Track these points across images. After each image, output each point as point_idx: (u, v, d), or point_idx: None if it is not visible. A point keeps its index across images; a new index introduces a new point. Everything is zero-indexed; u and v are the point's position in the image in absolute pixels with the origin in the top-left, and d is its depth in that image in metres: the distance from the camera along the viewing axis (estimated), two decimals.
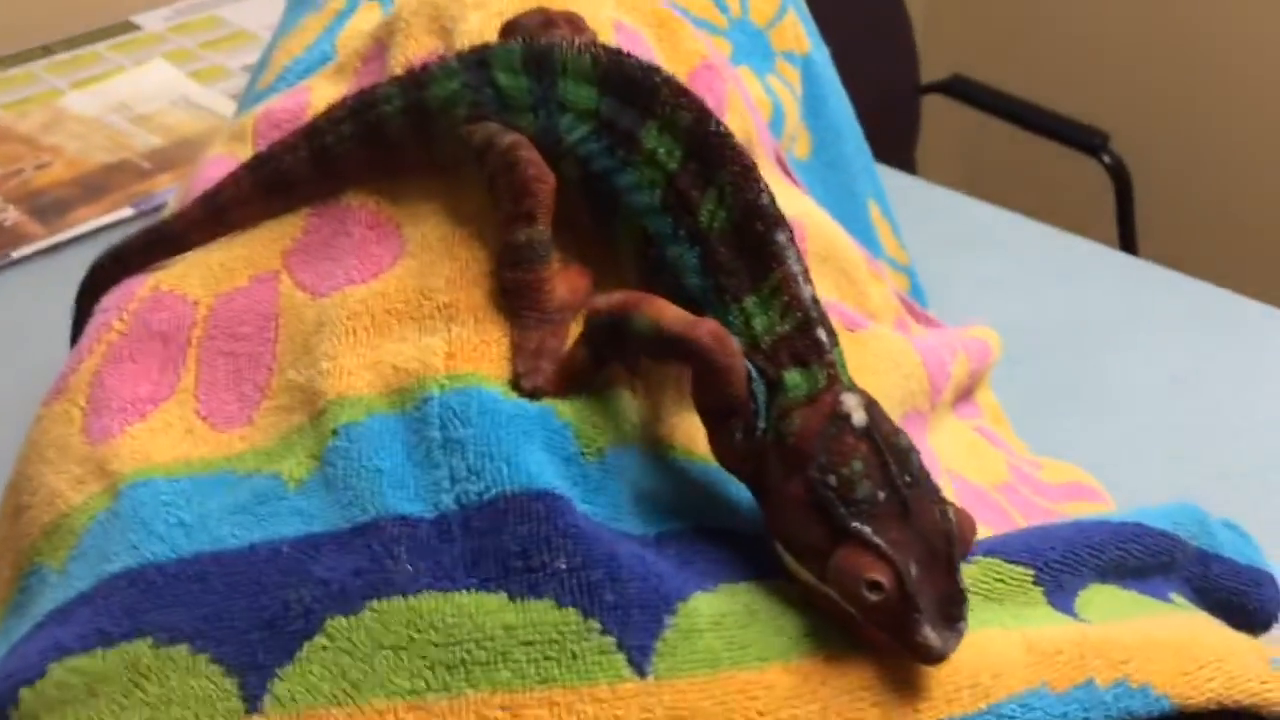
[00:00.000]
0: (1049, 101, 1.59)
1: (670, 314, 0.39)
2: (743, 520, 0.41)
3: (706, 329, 0.38)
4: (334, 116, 0.48)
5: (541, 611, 0.35)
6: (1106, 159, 1.55)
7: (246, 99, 0.65)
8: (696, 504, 0.41)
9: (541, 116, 0.44)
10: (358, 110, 0.47)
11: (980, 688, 0.37)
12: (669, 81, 0.43)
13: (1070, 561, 0.45)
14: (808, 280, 0.40)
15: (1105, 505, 0.65)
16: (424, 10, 0.53)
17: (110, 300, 0.50)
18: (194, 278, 0.49)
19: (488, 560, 0.36)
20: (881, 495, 0.35)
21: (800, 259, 0.40)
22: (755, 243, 0.40)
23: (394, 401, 0.40)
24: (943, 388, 0.60)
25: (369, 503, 0.38)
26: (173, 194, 1.05)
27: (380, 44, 0.55)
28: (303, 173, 0.48)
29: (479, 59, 0.45)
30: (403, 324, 0.43)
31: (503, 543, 0.36)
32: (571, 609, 0.35)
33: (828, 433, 0.36)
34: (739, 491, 0.41)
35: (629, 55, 0.44)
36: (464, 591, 0.35)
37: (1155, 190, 1.59)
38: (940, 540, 0.35)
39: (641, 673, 0.34)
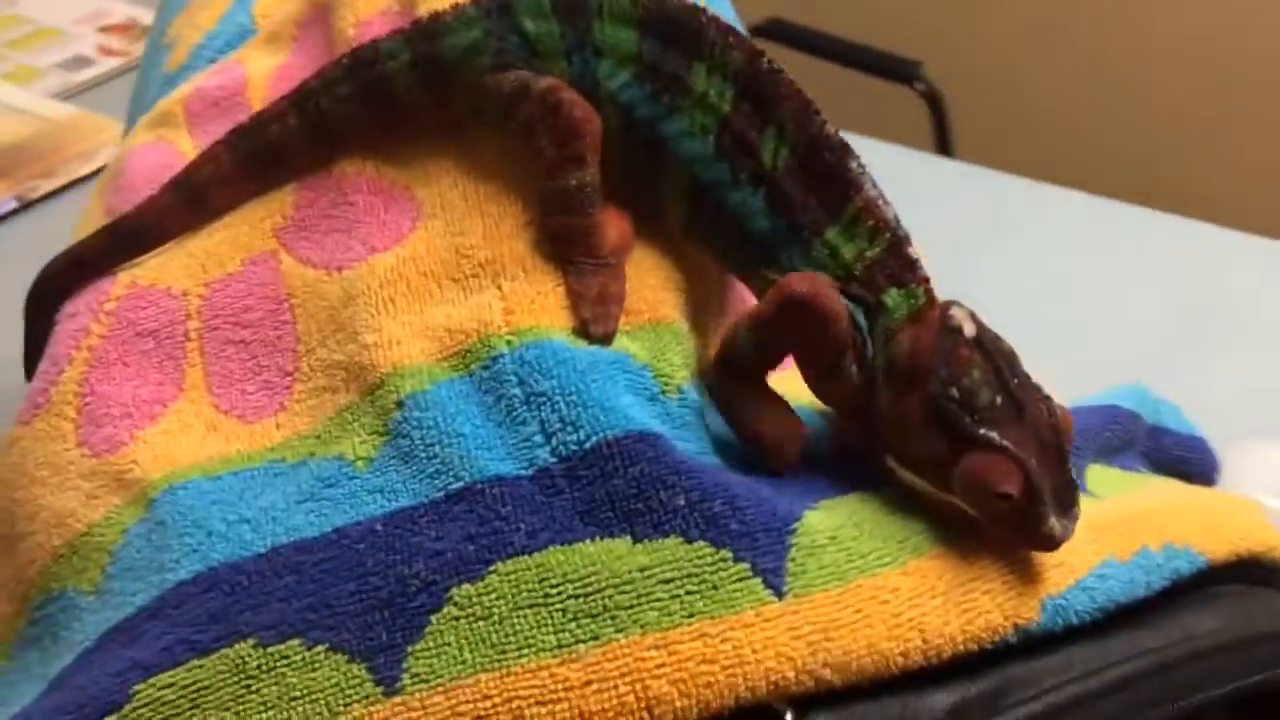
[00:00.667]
0: (863, 37, 1.66)
1: (749, 311, 0.39)
2: (811, 442, 0.41)
3: (791, 288, 0.38)
4: (328, 78, 0.45)
5: (672, 549, 0.34)
6: (920, 86, 1.63)
7: (150, 83, 0.60)
8: None
9: (576, 63, 0.42)
10: (355, 68, 0.44)
11: (1066, 566, 0.38)
12: (715, 21, 0.42)
13: (1078, 445, 0.47)
14: (887, 202, 0.40)
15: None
16: None
17: (79, 304, 0.46)
18: (175, 269, 0.46)
19: (603, 507, 0.35)
20: (999, 400, 0.36)
21: (875, 183, 0.40)
22: (828, 173, 0.40)
23: (457, 365, 0.39)
24: None
25: (460, 469, 0.37)
26: (7, 203, 0.99)
27: (320, 7, 0.52)
28: (294, 142, 0.45)
29: (501, 5, 0.43)
30: (443, 286, 0.41)
31: (615, 488, 0.35)
32: (701, 542, 0.35)
33: (942, 347, 0.37)
34: (802, 415, 0.41)
35: None
36: (587, 541, 0.35)
37: (968, 113, 1.68)
38: (1050, 434, 0.37)
39: (780, 594, 0.35)
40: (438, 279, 0.41)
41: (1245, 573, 0.45)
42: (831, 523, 0.37)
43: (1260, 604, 0.44)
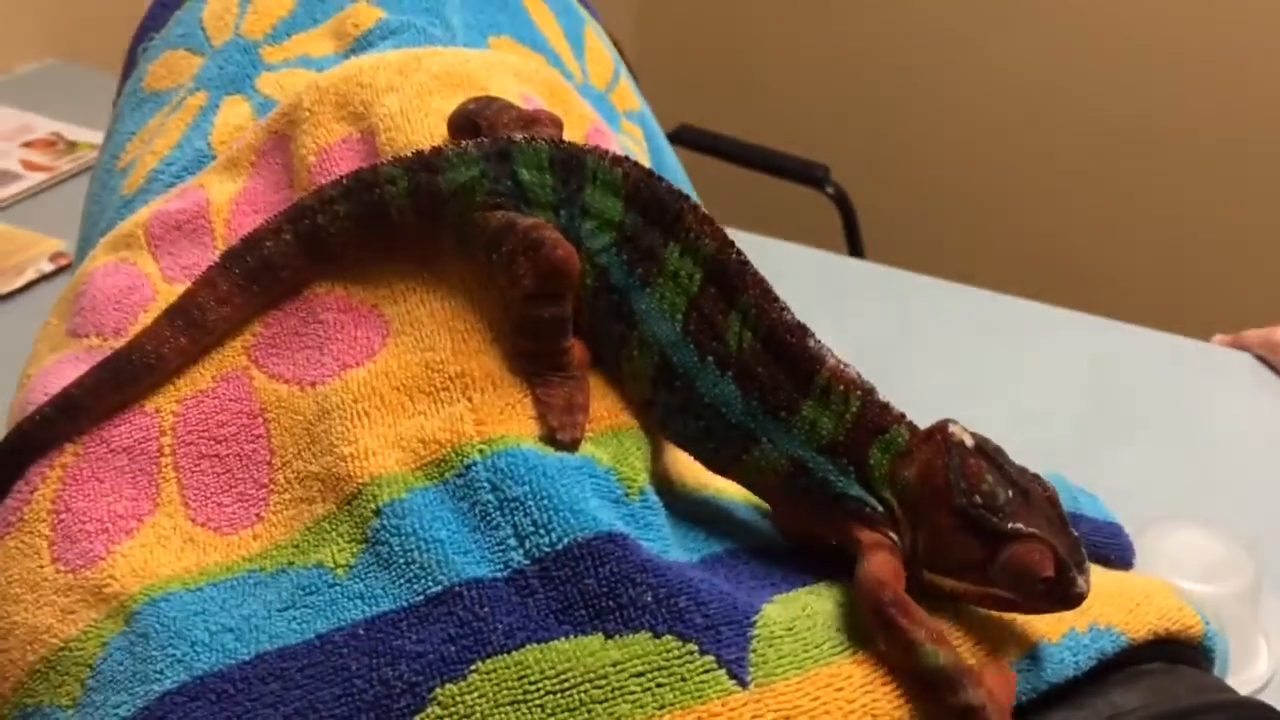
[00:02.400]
0: (771, 141, 1.72)
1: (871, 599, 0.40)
2: (760, 539, 0.44)
3: (871, 596, 0.39)
4: (325, 196, 0.47)
5: (642, 644, 0.37)
6: (829, 189, 1.69)
7: (106, 206, 0.62)
8: (722, 530, 0.44)
9: (564, 217, 0.45)
10: (354, 189, 0.46)
11: (1003, 651, 0.41)
12: (695, 209, 0.44)
13: None
14: (846, 365, 0.43)
15: None
16: (327, 99, 0.53)
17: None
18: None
19: (576, 606, 0.37)
20: (1010, 493, 0.40)
21: (833, 352, 0.43)
22: (791, 354, 0.43)
23: (431, 474, 0.41)
24: None
25: (438, 573, 0.38)
26: None
27: (279, 136, 0.54)
28: (289, 257, 0.47)
29: (500, 151, 0.45)
30: (415, 399, 0.43)
31: (587, 587, 0.38)
32: (669, 636, 0.37)
33: (953, 464, 0.41)
34: (749, 514, 0.44)
35: (658, 177, 0.45)
36: (562, 639, 0.37)
37: (877, 213, 1.74)
38: (1050, 506, 0.41)
39: (744, 684, 0.37)
40: (409, 392, 0.43)
41: (1164, 651, 0.48)
42: (787, 614, 0.39)
43: (1180, 680, 0.47)
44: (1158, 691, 0.46)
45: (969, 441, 0.42)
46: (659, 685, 0.36)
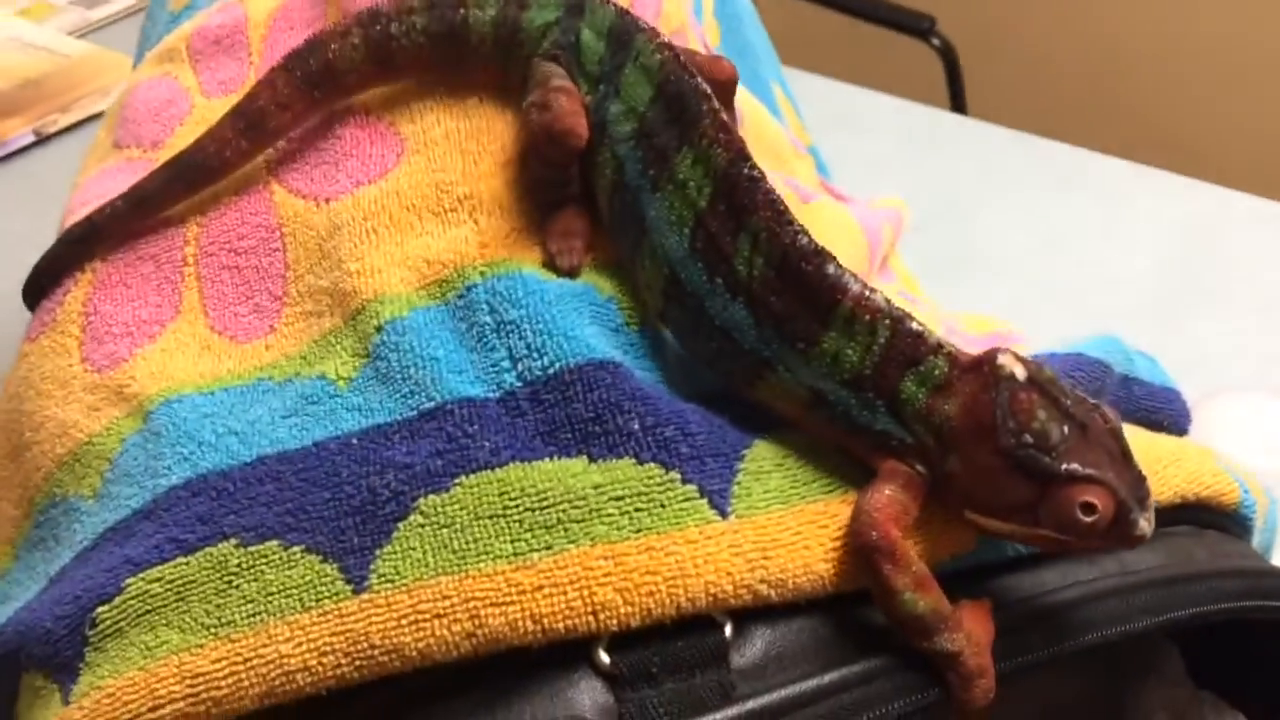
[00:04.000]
0: None
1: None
2: None
3: (863, 540, 0.36)
4: (405, 6, 0.46)
5: (624, 469, 0.37)
6: (935, 41, 1.63)
7: (156, 22, 0.63)
8: None
9: (601, 93, 0.43)
10: (438, 6, 0.46)
11: None
12: (716, 115, 0.41)
13: None
14: (874, 290, 0.39)
15: (1026, 346, 0.70)
16: None
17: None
18: None
19: (563, 429, 0.37)
20: (1066, 429, 0.36)
21: (858, 277, 0.38)
22: (808, 282, 0.38)
23: (434, 294, 0.41)
24: (878, 254, 0.64)
25: (432, 390, 0.39)
26: (24, 137, 1.01)
27: None
28: (355, 63, 0.46)
29: (577, 4, 0.45)
30: (423, 219, 0.43)
31: (575, 411, 0.38)
32: (652, 464, 0.37)
33: (1001, 399, 0.37)
34: None
35: (694, 74, 0.42)
36: (546, 460, 0.37)
37: (980, 68, 1.67)
38: (1112, 440, 0.37)
39: (724, 514, 0.37)
40: (418, 212, 0.43)
41: (1194, 516, 0.47)
42: (781, 450, 0.39)
43: (1204, 545, 0.46)
44: (1174, 553, 0.45)
45: (1020, 373, 0.37)
46: (637, 510, 0.36)
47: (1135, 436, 0.51)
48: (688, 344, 0.42)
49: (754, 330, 0.39)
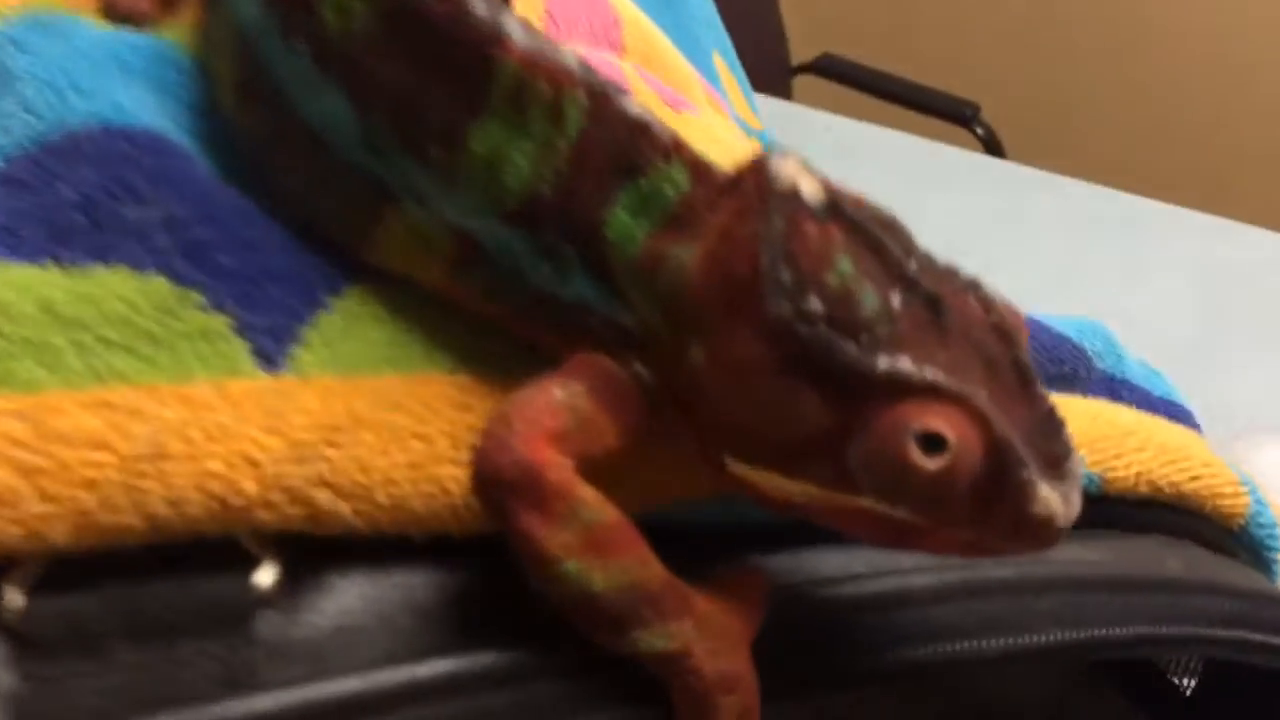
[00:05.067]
0: (918, 76, 1.56)
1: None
2: None
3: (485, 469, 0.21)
4: None
5: (102, 282, 0.22)
6: (979, 130, 1.52)
7: None
8: None
9: None
10: None
11: None
12: None
13: None
14: (565, 49, 0.23)
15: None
16: None
17: None
18: None
19: (32, 221, 0.23)
20: (896, 299, 0.21)
21: (544, 35, 0.23)
22: (440, 34, 0.23)
23: None
24: None
25: None
26: None
27: None
28: None
29: None
30: None
31: (59, 195, 0.23)
32: (158, 276, 0.22)
33: (772, 233, 0.21)
34: None
35: None
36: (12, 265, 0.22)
37: (1025, 158, 1.56)
38: (996, 343, 0.21)
39: (273, 366, 0.22)
40: None
41: (1176, 523, 0.31)
42: (379, 301, 0.24)
43: (1179, 556, 0.30)
44: (1125, 552, 0.29)
45: (810, 192, 0.21)
46: (108, 344, 0.21)
47: (1093, 408, 0.35)
48: (273, 167, 0.26)
49: (355, 127, 0.24)
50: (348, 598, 0.21)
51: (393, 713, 0.20)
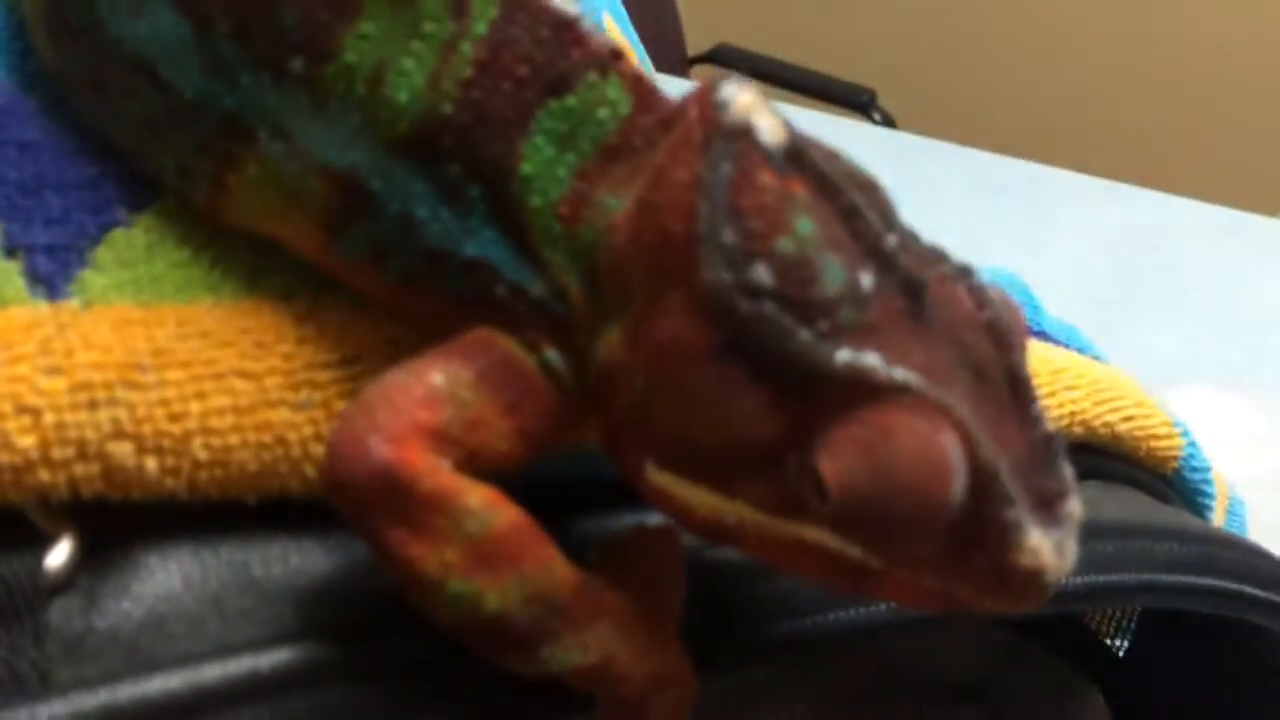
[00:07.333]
0: (814, 64, 1.56)
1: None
2: None
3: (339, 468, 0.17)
4: None
5: None
6: (876, 116, 1.53)
7: None
8: None
9: None
10: None
11: None
12: None
13: None
14: None
15: None
16: None
17: None
18: None
19: None
20: (868, 282, 0.17)
21: None
22: None
23: None
24: None
25: None
26: None
27: None
28: None
29: None
30: None
31: None
32: None
33: (715, 180, 0.17)
34: None
35: None
36: None
37: None
38: (988, 346, 0.18)
39: (53, 290, 0.19)
40: None
41: (1110, 468, 0.29)
42: (185, 225, 0.20)
43: (1116, 501, 0.28)
44: None
45: (769, 132, 0.17)
46: None
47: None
48: (98, 118, 0.21)
49: (196, 51, 0.19)
50: (167, 578, 0.17)
51: (228, 713, 0.16)
